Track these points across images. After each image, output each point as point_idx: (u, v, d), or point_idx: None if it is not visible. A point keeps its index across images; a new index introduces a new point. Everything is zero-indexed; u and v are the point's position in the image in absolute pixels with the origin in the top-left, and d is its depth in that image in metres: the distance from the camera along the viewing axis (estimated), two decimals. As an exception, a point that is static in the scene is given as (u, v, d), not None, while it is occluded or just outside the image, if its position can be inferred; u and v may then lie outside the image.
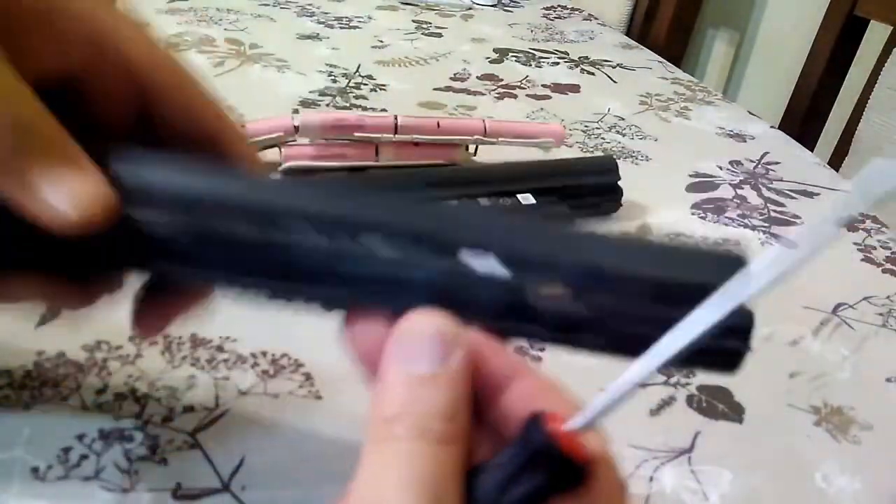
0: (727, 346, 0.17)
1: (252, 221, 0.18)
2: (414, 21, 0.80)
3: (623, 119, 0.60)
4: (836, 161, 0.76)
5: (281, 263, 0.18)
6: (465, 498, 0.15)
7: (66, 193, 0.17)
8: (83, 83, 0.20)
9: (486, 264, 0.17)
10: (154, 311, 0.21)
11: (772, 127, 0.63)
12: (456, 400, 0.15)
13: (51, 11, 0.18)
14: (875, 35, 0.78)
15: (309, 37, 0.71)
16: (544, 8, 0.91)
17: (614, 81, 0.69)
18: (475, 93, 0.62)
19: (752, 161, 0.56)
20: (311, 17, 0.77)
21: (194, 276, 0.19)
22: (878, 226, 0.48)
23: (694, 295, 0.15)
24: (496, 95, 0.62)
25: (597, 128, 0.58)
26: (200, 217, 0.18)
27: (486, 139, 0.47)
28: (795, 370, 0.35)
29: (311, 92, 0.58)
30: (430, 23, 0.80)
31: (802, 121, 0.83)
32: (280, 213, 0.18)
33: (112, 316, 0.23)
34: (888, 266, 0.44)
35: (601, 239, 0.18)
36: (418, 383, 0.15)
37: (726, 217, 0.47)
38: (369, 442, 0.15)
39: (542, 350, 0.34)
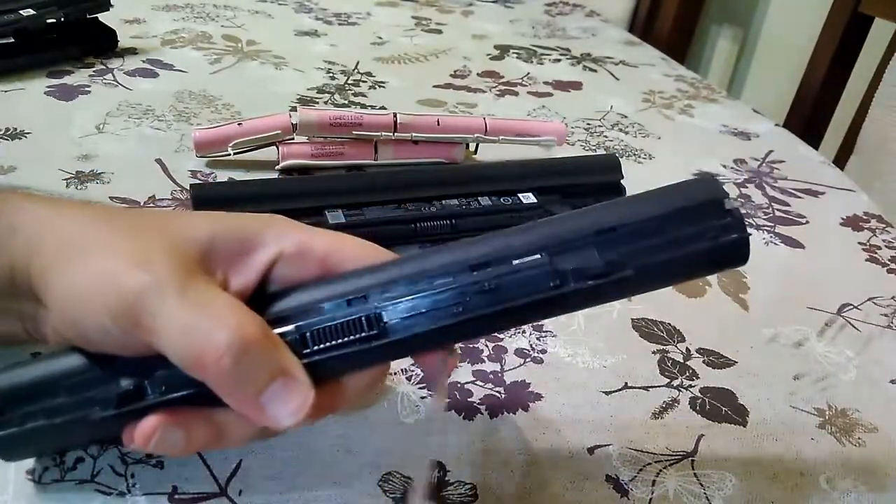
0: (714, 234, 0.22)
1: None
2: (413, 17, 0.79)
3: (626, 117, 0.60)
4: (840, 159, 0.76)
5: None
6: None
7: (289, 410, 0.20)
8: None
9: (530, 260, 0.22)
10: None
11: (776, 125, 0.62)
12: None
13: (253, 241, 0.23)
14: (879, 32, 0.78)
15: (307, 33, 0.71)
16: (546, 4, 0.91)
17: (617, 79, 0.69)
18: (476, 90, 0.62)
19: (756, 159, 0.55)
20: (308, 13, 0.76)
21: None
22: (884, 225, 0.48)
23: (690, 215, 0.21)
24: (497, 93, 0.62)
25: (599, 126, 0.58)
26: None
27: (486, 137, 0.47)
28: (800, 372, 0.34)
29: (309, 89, 0.58)
30: (429, 19, 0.80)
31: (807, 119, 0.82)
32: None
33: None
34: (893, 266, 0.44)
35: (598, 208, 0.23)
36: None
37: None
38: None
39: (543, 352, 0.33)
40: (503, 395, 0.31)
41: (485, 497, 0.26)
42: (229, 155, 0.45)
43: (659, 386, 0.32)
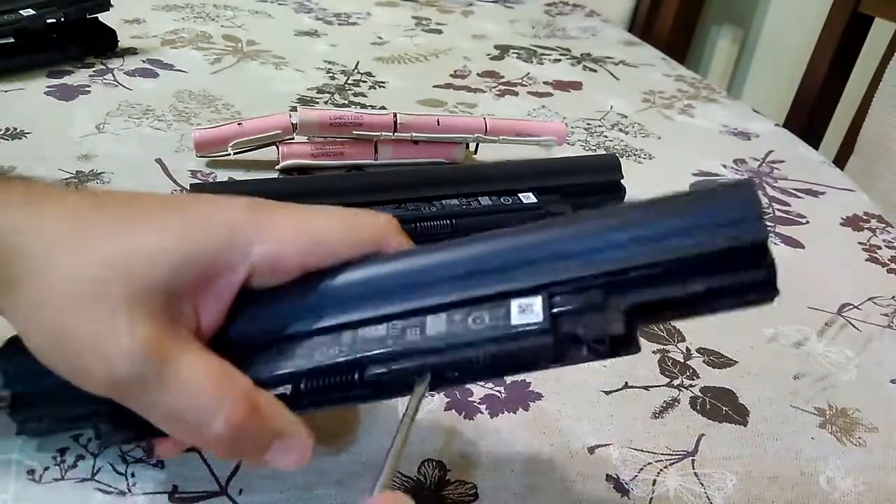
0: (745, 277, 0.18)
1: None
2: (414, 17, 0.79)
3: (626, 117, 0.60)
4: (840, 159, 0.76)
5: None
6: None
7: (292, 462, 0.20)
8: None
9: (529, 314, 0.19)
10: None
11: (776, 125, 0.62)
12: None
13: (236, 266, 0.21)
14: (879, 32, 0.78)
15: (307, 33, 0.71)
16: (546, 4, 0.91)
17: (617, 79, 0.69)
18: (476, 90, 0.62)
19: (756, 159, 0.55)
20: (309, 13, 0.76)
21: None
22: (884, 225, 0.48)
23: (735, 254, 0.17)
24: (497, 93, 0.62)
25: (599, 126, 0.58)
26: None
27: (486, 137, 0.47)
28: (800, 372, 0.34)
29: (309, 89, 0.58)
30: (429, 19, 0.80)
31: (807, 119, 0.82)
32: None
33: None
34: (893, 266, 0.44)
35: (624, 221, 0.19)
36: None
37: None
38: None
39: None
40: (503, 395, 0.31)
41: (485, 497, 0.26)
42: (229, 155, 0.45)
43: (659, 385, 0.32)
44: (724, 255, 0.18)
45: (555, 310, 0.18)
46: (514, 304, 0.19)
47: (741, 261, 0.18)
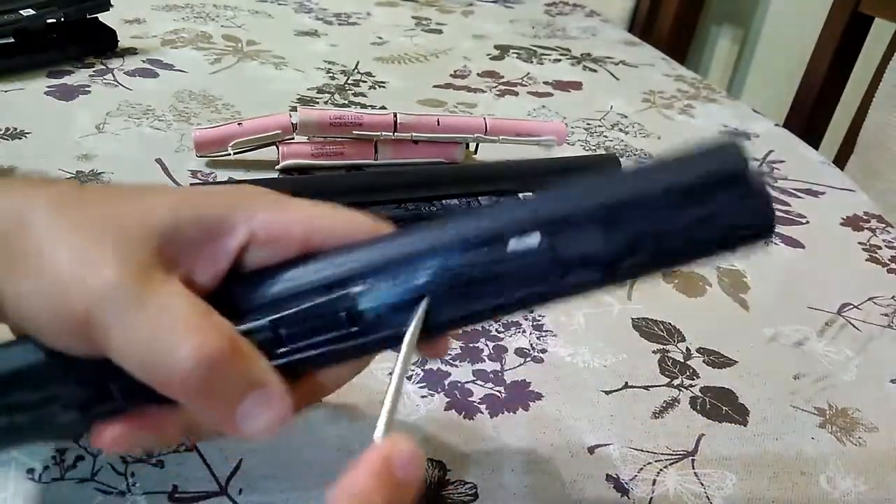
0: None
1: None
2: (414, 17, 0.79)
3: (626, 117, 0.60)
4: (840, 159, 0.76)
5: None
6: None
7: (265, 425, 0.19)
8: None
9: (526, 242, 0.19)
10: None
11: (776, 125, 0.62)
12: None
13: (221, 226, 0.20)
14: (879, 32, 0.78)
15: (307, 33, 0.71)
16: (546, 4, 0.91)
17: (617, 79, 0.69)
18: (476, 90, 0.62)
19: (756, 159, 0.55)
20: (309, 13, 0.76)
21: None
22: (884, 225, 0.48)
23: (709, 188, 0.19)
24: (497, 93, 0.62)
25: (599, 126, 0.58)
26: None
27: (486, 137, 0.47)
28: (800, 371, 0.34)
29: (309, 89, 0.58)
30: (429, 19, 0.79)
31: (807, 119, 0.82)
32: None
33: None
34: (893, 266, 0.44)
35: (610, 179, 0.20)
36: None
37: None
38: None
39: (543, 352, 0.33)
40: (503, 395, 0.31)
41: (485, 497, 0.26)
42: (229, 155, 0.45)
43: (659, 385, 0.32)
44: (707, 186, 0.19)
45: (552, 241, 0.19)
46: (512, 240, 0.19)
47: (729, 193, 0.19)
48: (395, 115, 0.45)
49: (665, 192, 0.19)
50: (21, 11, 0.54)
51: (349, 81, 0.60)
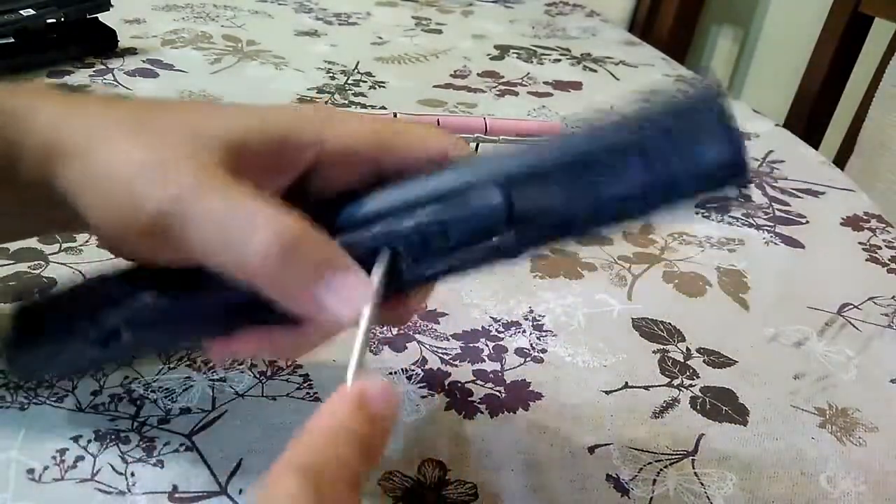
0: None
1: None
2: (414, 17, 0.79)
3: (625, 116, 0.60)
4: (840, 159, 0.76)
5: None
6: None
7: (347, 302, 0.19)
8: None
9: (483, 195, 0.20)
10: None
11: (776, 125, 0.62)
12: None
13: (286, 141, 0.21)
14: (880, 32, 0.78)
15: (307, 33, 0.71)
16: (546, 4, 0.91)
17: (617, 79, 0.69)
18: (476, 90, 0.62)
19: (756, 159, 0.55)
20: (309, 13, 0.76)
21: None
22: (884, 225, 0.48)
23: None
24: (497, 93, 0.62)
25: (599, 125, 0.58)
26: None
27: (486, 137, 0.47)
28: (800, 371, 0.34)
29: (309, 89, 0.58)
30: (429, 19, 0.80)
31: (807, 119, 0.82)
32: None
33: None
34: (893, 266, 0.44)
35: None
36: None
37: (730, 216, 0.47)
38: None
39: (543, 352, 0.33)
40: (503, 395, 0.31)
41: (485, 497, 0.26)
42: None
43: (659, 385, 0.32)
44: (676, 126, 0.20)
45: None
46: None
47: (697, 132, 0.20)
48: (396, 115, 0.45)
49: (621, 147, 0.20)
50: (21, 11, 0.54)
51: (349, 81, 0.60)
